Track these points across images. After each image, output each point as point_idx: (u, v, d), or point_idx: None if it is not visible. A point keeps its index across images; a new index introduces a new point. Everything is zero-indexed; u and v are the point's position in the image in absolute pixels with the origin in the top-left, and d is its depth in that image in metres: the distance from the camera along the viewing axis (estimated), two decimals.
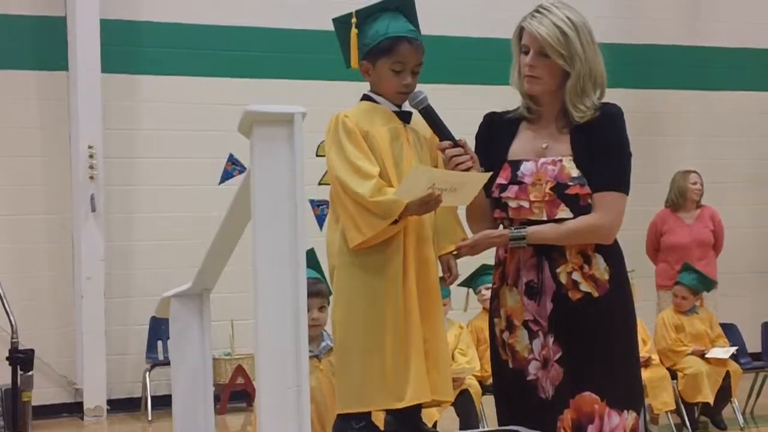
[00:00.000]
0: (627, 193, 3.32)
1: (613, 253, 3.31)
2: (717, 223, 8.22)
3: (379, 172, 3.12)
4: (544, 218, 3.28)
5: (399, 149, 3.22)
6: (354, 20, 3.31)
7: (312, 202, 9.21)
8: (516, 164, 3.35)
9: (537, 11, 3.32)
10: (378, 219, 3.05)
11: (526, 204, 3.30)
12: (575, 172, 3.28)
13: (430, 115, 3.26)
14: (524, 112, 3.42)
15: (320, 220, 9.00)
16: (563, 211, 3.27)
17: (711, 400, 7.10)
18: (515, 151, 3.38)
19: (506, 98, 3.58)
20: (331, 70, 9.68)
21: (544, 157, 3.32)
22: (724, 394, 7.20)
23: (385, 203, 3.04)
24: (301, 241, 2.37)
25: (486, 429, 4.22)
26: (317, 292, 4.17)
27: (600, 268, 3.28)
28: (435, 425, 5.59)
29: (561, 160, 3.31)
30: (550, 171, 3.30)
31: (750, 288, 10.65)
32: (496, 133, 3.45)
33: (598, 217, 3.25)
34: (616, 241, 3.34)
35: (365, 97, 3.44)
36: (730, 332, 7.79)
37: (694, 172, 8.29)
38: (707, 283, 7.54)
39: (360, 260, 3.14)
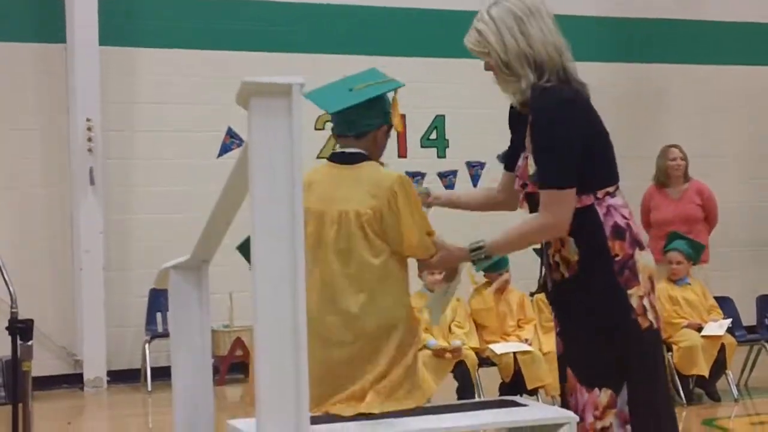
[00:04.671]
0: (561, 187, 3.23)
1: (584, 235, 3.30)
2: (706, 197, 8.14)
3: None
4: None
5: None
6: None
7: None
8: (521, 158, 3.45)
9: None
10: None
11: (520, 197, 3.45)
12: (532, 170, 3.32)
13: None
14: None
15: None
16: (524, 209, 3.40)
17: (706, 373, 7.13)
18: (526, 144, 3.43)
19: None
20: (331, 44, 9.71)
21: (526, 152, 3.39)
22: (718, 366, 7.24)
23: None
24: (298, 213, 2.39)
25: (482, 399, 4.27)
26: None
27: (570, 250, 3.32)
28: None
29: (528, 157, 3.36)
30: (521, 168, 3.40)
31: (744, 262, 10.70)
32: (514, 126, 3.53)
33: (541, 217, 3.29)
34: (595, 223, 3.30)
35: (366, 157, 3.48)
36: (725, 305, 7.82)
37: (675, 147, 8.20)
38: (696, 248, 7.56)
39: None
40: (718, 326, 7.25)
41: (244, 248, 5.43)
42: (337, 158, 3.50)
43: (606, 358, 3.29)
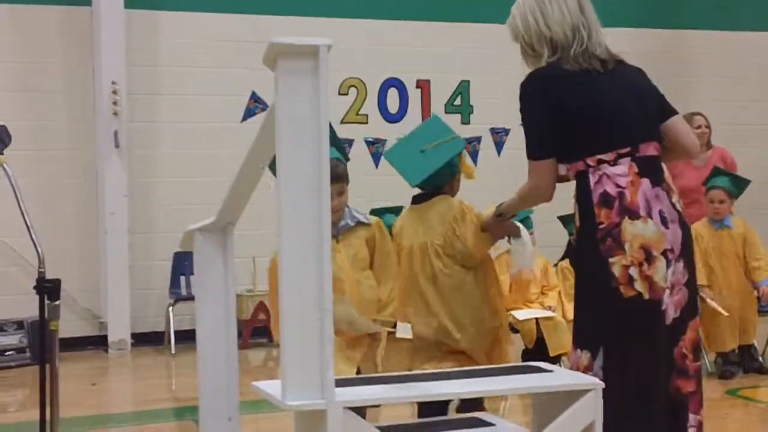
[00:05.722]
0: (535, 158, 3.48)
1: (579, 203, 3.42)
2: (729, 164, 8.00)
3: None
4: None
5: None
6: None
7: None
8: None
9: None
10: None
11: None
12: None
13: None
14: None
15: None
16: None
17: (728, 348, 6.96)
18: None
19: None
20: (358, 8, 9.66)
21: None
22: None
23: None
24: (325, 175, 2.38)
25: (506, 365, 4.27)
26: (335, 176, 3.85)
27: (576, 216, 3.46)
28: None
29: None
30: None
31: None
32: None
33: (526, 183, 3.57)
34: (585, 190, 3.38)
35: (437, 192, 4.29)
36: None
37: (699, 114, 8.07)
38: (741, 183, 7.16)
39: None
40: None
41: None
42: (415, 200, 4.30)
43: (586, 321, 3.42)
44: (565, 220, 6.65)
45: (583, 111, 3.39)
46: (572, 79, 3.41)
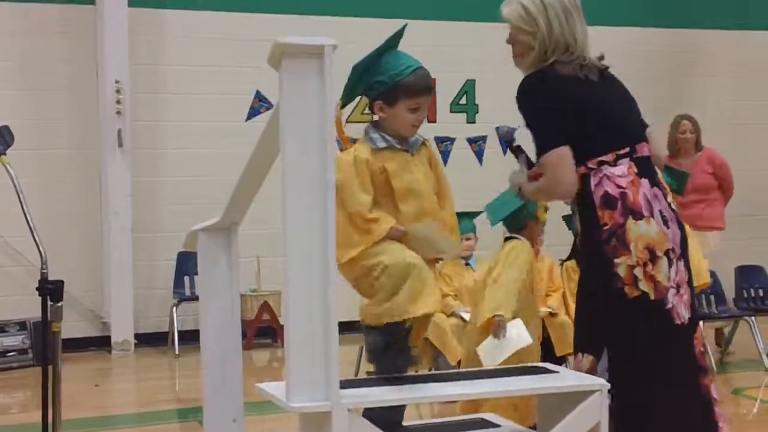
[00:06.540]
0: (551, 147, 3.33)
1: (581, 205, 3.40)
2: (718, 165, 7.94)
3: None
4: None
5: None
6: None
7: None
8: None
9: None
10: None
11: None
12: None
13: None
14: None
15: None
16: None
17: None
18: None
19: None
20: (364, 7, 9.63)
21: None
22: None
23: None
24: (330, 174, 2.36)
25: (512, 365, 4.26)
26: (428, 87, 3.72)
27: (578, 219, 3.47)
28: (459, 363, 5.64)
29: None
30: None
31: None
32: None
33: (542, 179, 3.43)
34: (587, 193, 3.35)
35: (511, 238, 5.30)
36: (757, 274, 7.68)
37: (686, 118, 8.01)
38: (677, 176, 6.86)
39: None
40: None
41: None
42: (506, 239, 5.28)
43: (589, 324, 3.40)
44: (570, 219, 6.59)
45: (582, 114, 3.37)
46: (571, 83, 3.39)
